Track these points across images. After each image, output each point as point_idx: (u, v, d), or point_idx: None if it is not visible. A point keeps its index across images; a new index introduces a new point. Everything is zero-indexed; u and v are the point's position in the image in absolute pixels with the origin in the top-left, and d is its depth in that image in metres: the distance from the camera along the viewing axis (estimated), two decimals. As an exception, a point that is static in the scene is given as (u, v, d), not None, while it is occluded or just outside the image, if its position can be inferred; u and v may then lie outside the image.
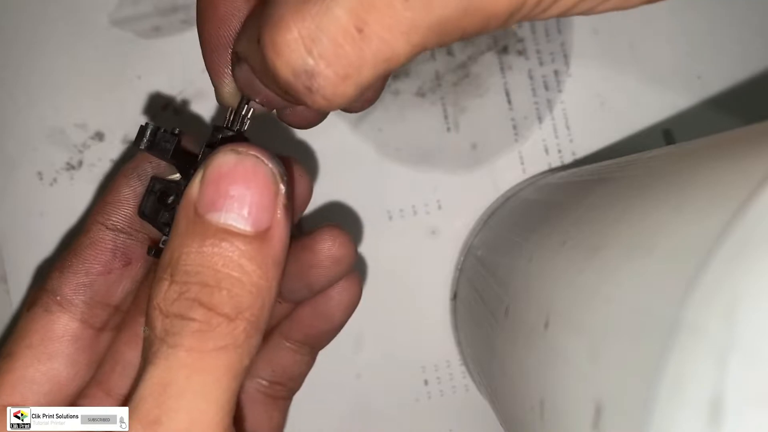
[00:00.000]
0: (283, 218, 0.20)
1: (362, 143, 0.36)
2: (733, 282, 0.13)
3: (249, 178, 0.20)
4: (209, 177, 0.20)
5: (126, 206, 0.25)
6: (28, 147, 0.35)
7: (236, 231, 0.19)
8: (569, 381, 0.17)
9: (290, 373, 0.30)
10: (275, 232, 0.20)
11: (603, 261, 0.18)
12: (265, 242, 0.20)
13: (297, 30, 0.17)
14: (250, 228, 0.19)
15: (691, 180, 0.17)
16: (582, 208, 0.22)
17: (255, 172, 0.20)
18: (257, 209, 0.20)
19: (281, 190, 0.20)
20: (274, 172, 0.20)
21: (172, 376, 0.19)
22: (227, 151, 0.20)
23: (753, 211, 0.13)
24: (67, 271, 0.25)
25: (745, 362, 0.12)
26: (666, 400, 0.13)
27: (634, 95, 0.36)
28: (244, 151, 0.20)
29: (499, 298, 0.26)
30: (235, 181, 0.20)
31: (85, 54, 0.36)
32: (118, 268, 0.25)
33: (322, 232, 0.26)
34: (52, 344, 0.24)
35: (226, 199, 0.19)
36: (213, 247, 0.19)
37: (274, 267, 0.20)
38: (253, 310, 0.20)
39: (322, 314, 0.28)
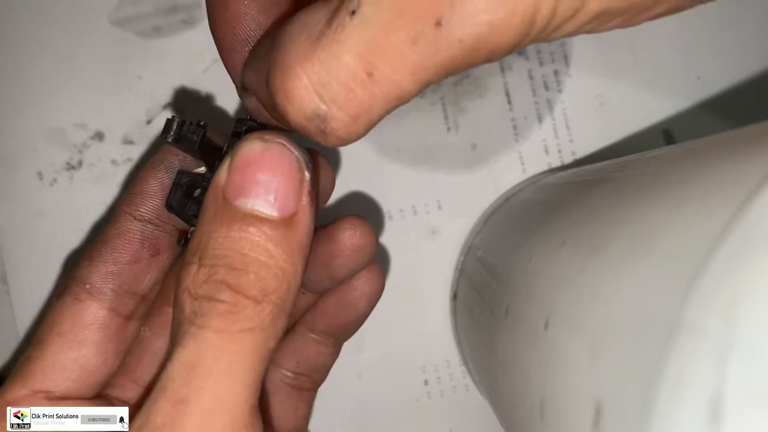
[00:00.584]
0: (308, 205, 0.20)
1: (362, 143, 0.36)
2: (733, 282, 0.13)
3: (275, 165, 0.20)
4: (237, 164, 0.20)
5: (153, 198, 0.25)
6: (28, 147, 0.35)
7: (263, 216, 0.20)
8: (569, 381, 0.17)
9: (315, 364, 0.30)
10: (300, 218, 0.20)
11: (603, 261, 0.18)
12: (291, 228, 0.20)
13: (307, 77, 0.17)
14: (277, 213, 0.20)
15: (691, 180, 0.17)
16: (582, 209, 0.22)
17: (281, 159, 0.20)
18: (283, 195, 0.20)
19: (306, 177, 0.20)
20: (300, 160, 0.20)
21: (200, 356, 0.19)
22: (254, 139, 0.20)
23: (753, 212, 0.13)
24: (96, 260, 0.25)
25: (745, 362, 0.12)
26: (666, 400, 0.13)
27: (634, 95, 0.36)
28: (271, 138, 0.20)
29: (499, 298, 0.26)
30: (262, 167, 0.20)
31: (85, 54, 0.36)
32: (146, 258, 0.26)
33: (343, 222, 0.27)
34: (82, 332, 0.25)
35: (253, 185, 0.20)
36: (240, 231, 0.20)
37: (299, 252, 0.20)
38: (279, 293, 0.20)
39: (346, 304, 0.29)
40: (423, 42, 0.16)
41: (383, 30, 0.16)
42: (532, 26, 0.17)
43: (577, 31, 0.18)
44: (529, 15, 0.16)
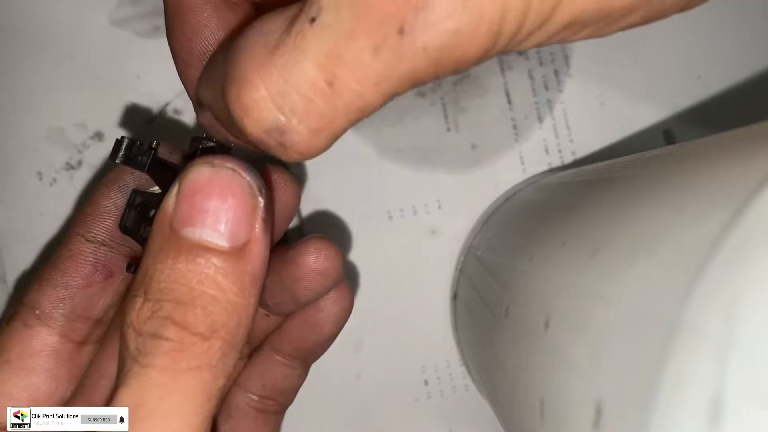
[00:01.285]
0: (261, 233, 0.19)
1: (362, 143, 0.36)
2: (734, 282, 0.13)
3: (225, 192, 0.19)
4: (184, 191, 0.19)
5: (106, 218, 0.25)
6: (28, 147, 0.35)
7: (212, 246, 0.19)
8: (569, 381, 0.17)
9: (281, 387, 0.29)
10: (253, 247, 0.19)
11: (603, 261, 0.18)
12: (242, 258, 0.19)
13: (264, 87, 0.16)
14: (226, 243, 0.19)
15: (692, 180, 0.17)
16: (582, 209, 0.22)
17: (231, 185, 0.19)
18: (234, 224, 0.19)
19: (259, 204, 0.19)
20: (252, 185, 0.19)
21: (144, 396, 0.18)
22: (202, 164, 0.19)
23: (753, 212, 0.13)
24: (46, 285, 0.24)
25: (745, 362, 0.12)
26: (666, 401, 0.13)
27: (634, 95, 0.36)
28: (220, 163, 0.19)
29: (499, 298, 0.26)
30: (211, 194, 0.19)
31: (84, 54, 0.36)
32: (99, 281, 0.25)
33: (307, 245, 0.25)
34: (31, 359, 0.24)
35: (201, 214, 0.19)
36: (187, 263, 0.19)
37: (252, 284, 0.19)
38: (228, 328, 0.19)
39: (311, 326, 0.28)
40: (385, 50, 0.16)
41: (344, 37, 0.16)
42: (499, 36, 0.16)
43: (547, 42, 0.17)
44: (495, 24, 0.16)
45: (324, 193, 0.36)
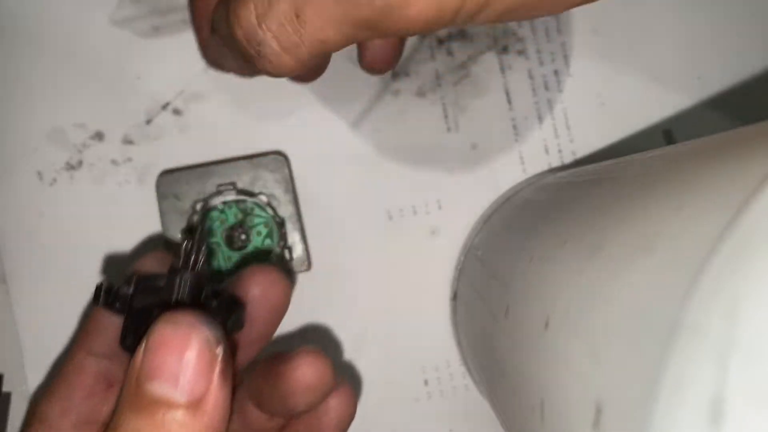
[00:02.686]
0: (219, 384, 0.20)
1: (362, 143, 0.36)
2: (734, 282, 0.13)
3: (183, 347, 0.20)
4: (149, 346, 0.20)
5: (105, 333, 0.26)
6: (28, 147, 0.35)
7: (171, 401, 0.20)
8: (570, 381, 0.17)
9: None
10: (211, 399, 0.20)
11: (603, 261, 0.18)
12: (200, 410, 0.20)
13: (253, 6, 0.21)
14: (185, 398, 0.20)
15: (692, 180, 0.17)
16: (582, 208, 0.22)
17: (188, 339, 0.20)
18: (191, 378, 0.20)
19: (218, 356, 0.20)
20: (210, 339, 0.20)
21: None
22: (164, 320, 0.20)
23: (753, 212, 0.13)
24: (52, 397, 0.26)
25: (745, 363, 0.12)
26: (666, 401, 0.13)
27: (634, 95, 0.36)
28: (180, 320, 0.20)
29: (499, 298, 0.26)
30: (171, 350, 0.20)
31: (84, 54, 0.36)
32: (101, 391, 0.26)
33: (297, 359, 0.26)
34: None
35: (161, 369, 0.20)
36: (147, 417, 0.20)
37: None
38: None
39: (314, 431, 0.28)
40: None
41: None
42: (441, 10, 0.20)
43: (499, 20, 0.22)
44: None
45: (324, 193, 0.36)
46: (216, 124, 0.36)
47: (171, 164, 0.36)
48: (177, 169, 0.35)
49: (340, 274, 0.36)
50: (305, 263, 0.35)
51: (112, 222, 0.36)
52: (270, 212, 0.35)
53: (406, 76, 0.36)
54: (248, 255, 0.35)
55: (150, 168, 0.36)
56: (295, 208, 0.35)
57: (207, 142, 0.36)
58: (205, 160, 0.36)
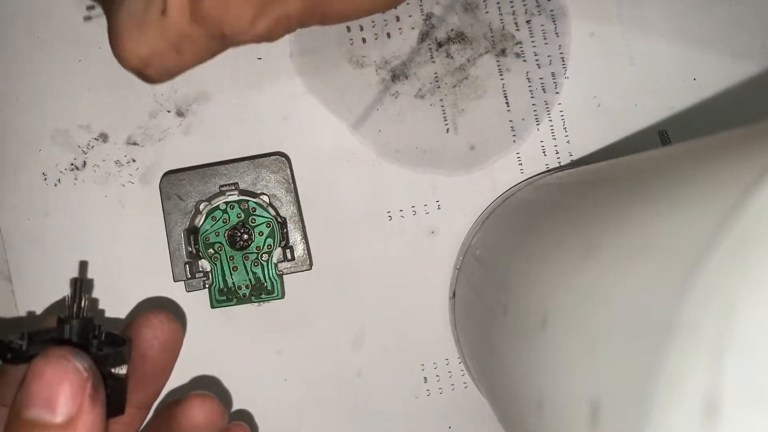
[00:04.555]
0: (89, 406, 0.22)
1: (362, 144, 0.36)
2: (730, 281, 0.13)
3: (54, 376, 0.22)
4: (26, 380, 0.22)
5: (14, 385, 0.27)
6: (33, 148, 0.35)
7: (43, 423, 0.22)
8: (567, 379, 0.18)
9: None
10: (81, 419, 0.22)
11: (600, 260, 0.18)
12: (70, 429, 0.22)
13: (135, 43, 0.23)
14: (57, 419, 0.22)
15: (687, 180, 0.17)
16: (579, 208, 0.22)
17: (58, 369, 0.22)
18: (62, 402, 0.22)
19: (86, 382, 0.22)
20: (78, 368, 0.22)
21: None
22: (40, 355, 0.22)
23: (748, 211, 0.13)
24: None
25: (741, 361, 0.12)
26: (662, 399, 0.13)
27: (630, 97, 0.36)
28: (52, 352, 0.22)
29: (497, 297, 0.26)
30: (43, 379, 0.22)
31: (88, 55, 0.36)
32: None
33: (188, 402, 0.29)
34: None
35: (36, 396, 0.22)
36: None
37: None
38: None
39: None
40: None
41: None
42: None
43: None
44: None
45: (325, 193, 0.36)
46: (219, 126, 0.36)
47: (174, 165, 0.36)
48: (180, 169, 0.35)
49: (341, 273, 0.36)
50: (306, 262, 0.35)
51: (116, 222, 0.36)
52: (272, 212, 0.35)
53: (406, 78, 0.36)
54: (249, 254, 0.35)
55: (153, 169, 0.36)
56: (296, 209, 0.35)
57: (210, 143, 0.36)
58: (207, 161, 0.36)
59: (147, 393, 0.29)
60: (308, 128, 0.36)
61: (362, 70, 0.36)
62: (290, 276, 0.36)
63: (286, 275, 0.36)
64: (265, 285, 0.35)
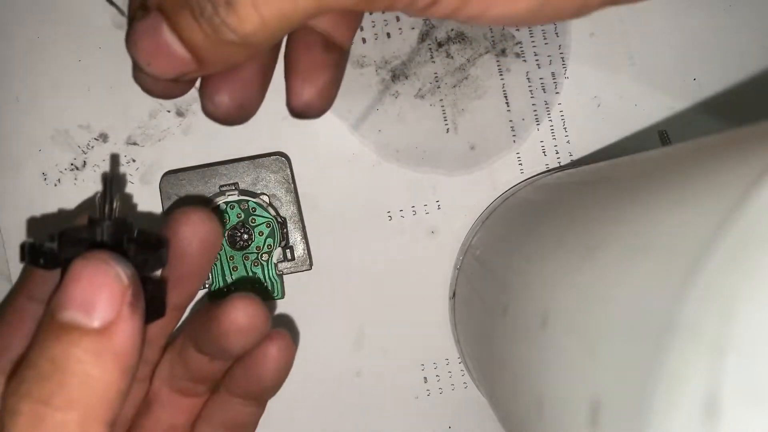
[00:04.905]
0: (128, 314, 0.21)
1: (362, 144, 0.36)
2: (730, 281, 0.13)
3: (94, 280, 0.21)
4: (63, 282, 0.21)
5: (44, 281, 0.27)
6: (33, 148, 0.35)
7: (78, 325, 0.20)
8: (567, 379, 0.18)
9: (240, 422, 0.31)
10: (118, 327, 0.20)
11: (600, 260, 0.18)
12: (106, 336, 0.20)
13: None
14: (91, 323, 0.20)
15: (687, 180, 0.17)
16: (579, 208, 0.22)
17: (99, 273, 0.21)
18: (100, 306, 0.20)
19: (127, 289, 0.21)
20: (119, 273, 0.21)
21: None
22: (80, 258, 0.21)
23: (749, 211, 0.13)
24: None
25: (741, 361, 0.12)
26: (663, 398, 0.13)
27: (630, 97, 0.36)
28: (92, 256, 0.21)
29: (497, 297, 0.26)
30: (82, 282, 0.21)
31: (88, 56, 0.36)
32: None
33: (229, 304, 0.27)
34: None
35: (72, 298, 0.20)
36: (54, 340, 0.20)
37: (116, 360, 0.20)
38: (86, 401, 0.20)
39: (253, 376, 0.29)
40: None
41: None
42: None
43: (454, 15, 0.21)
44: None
45: (324, 193, 0.36)
46: (218, 126, 0.36)
47: (174, 165, 0.36)
48: (180, 169, 0.35)
49: (341, 273, 0.36)
50: (306, 263, 0.35)
51: (115, 222, 0.36)
52: (272, 212, 0.35)
53: (406, 78, 0.36)
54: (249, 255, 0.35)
55: (153, 169, 0.36)
56: (296, 209, 0.35)
57: (210, 143, 0.36)
58: (207, 161, 0.36)
59: (182, 294, 0.28)
60: (308, 128, 0.36)
61: (362, 70, 0.36)
62: (290, 276, 0.36)
63: (286, 275, 0.36)
64: (265, 285, 0.35)
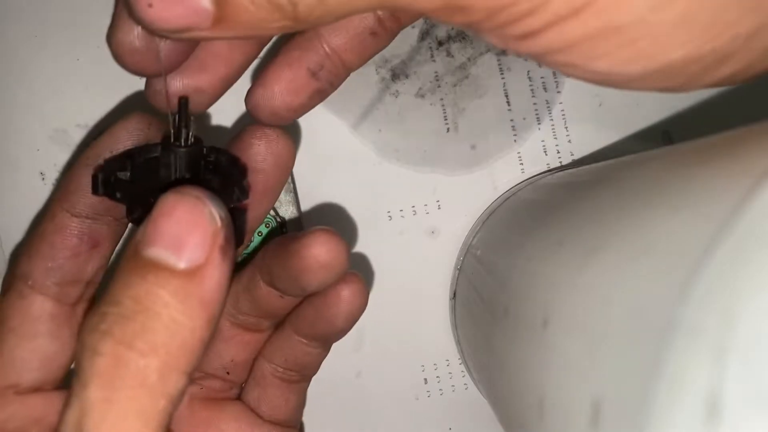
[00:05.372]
0: (219, 259, 0.20)
1: (362, 144, 0.36)
2: (731, 282, 0.13)
3: (185, 217, 0.19)
4: (152, 216, 0.20)
5: (87, 194, 0.25)
6: (31, 148, 0.35)
7: (165, 265, 0.19)
8: (568, 380, 0.18)
9: (302, 362, 0.30)
10: (207, 271, 0.19)
11: (601, 261, 0.18)
12: (195, 280, 0.19)
13: None
14: (180, 264, 0.19)
15: (689, 180, 0.17)
16: (580, 209, 0.22)
17: (192, 212, 0.20)
18: (191, 247, 0.19)
19: (219, 232, 0.20)
20: (213, 214, 0.20)
21: (82, 419, 0.18)
22: (170, 193, 0.20)
23: (751, 212, 0.13)
24: (35, 257, 0.25)
25: (742, 362, 0.12)
26: (664, 400, 0.13)
27: (632, 96, 0.36)
28: (186, 192, 0.20)
29: (497, 297, 0.26)
30: (172, 219, 0.19)
31: (87, 55, 0.36)
32: (86, 250, 0.26)
33: (311, 237, 0.26)
34: (32, 325, 0.25)
35: (161, 236, 0.19)
36: (139, 277, 0.19)
37: (202, 306, 0.19)
38: (168, 347, 0.19)
39: (324, 318, 0.28)
40: None
41: None
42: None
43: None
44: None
45: (324, 193, 0.36)
46: (218, 125, 0.36)
47: (173, 165, 0.36)
48: (179, 169, 0.35)
49: (341, 273, 0.36)
50: (306, 263, 0.35)
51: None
52: (271, 213, 0.35)
53: (406, 77, 0.36)
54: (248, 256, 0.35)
55: (152, 168, 0.36)
56: (296, 209, 0.35)
57: (209, 143, 0.36)
58: (206, 160, 0.36)
59: (253, 214, 0.27)
60: (308, 128, 0.36)
61: (362, 69, 0.36)
62: (290, 276, 0.36)
63: (285, 275, 0.36)
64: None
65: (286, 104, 0.26)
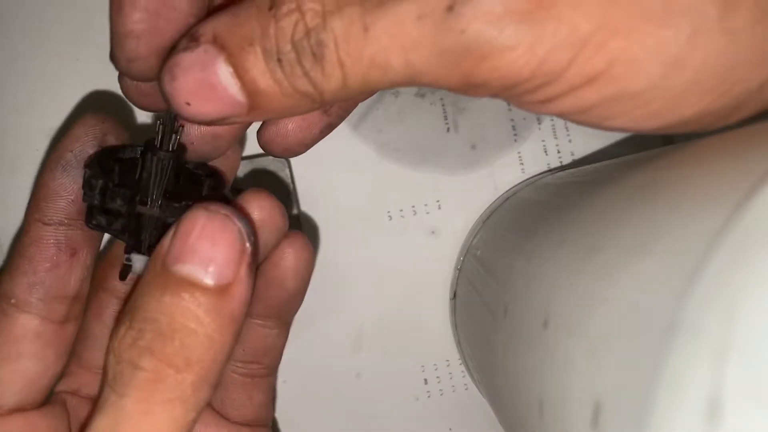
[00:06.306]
0: (246, 276, 0.20)
1: (362, 143, 0.36)
2: (732, 281, 0.13)
3: (216, 235, 0.20)
4: (179, 232, 0.20)
5: (58, 199, 0.25)
6: (30, 147, 0.35)
7: (198, 283, 0.20)
8: (568, 380, 0.18)
9: (262, 349, 0.29)
10: (236, 288, 0.20)
11: (601, 261, 0.18)
12: (225, 297, 0.20)
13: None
14: (212, 282, 0.20)
15: (689, 180, 0.17)
16: (580, 209, 0.22)
17: (223, 229, 0.20)
18: (221, 265, 0.20)
19: (247, 250, 0.20)
20: (242, 232, 0.20)
21: (117, 427, 0.19)
22: (199, 208, 0.20)
23: (751, 211, 0.13)
24: (14, 273, 0.25)
25: (743, 362, 0.12)
26: (664, 400, 0.13)
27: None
28: (215, 209, 0.20)
29: (498, 297, 0.26)
30: (203, 237, 0.20)
31: (86, 55, 0.36)
32: (66, 260, 0.25)
33: (243, 198, 0.26)
34: (15, 345, 0.25)
35: (191, 253, 0.20)
36: (173, 296, 0.20)
37: (231, 323, 0.20)
38: (203, 363, 0.20)
39: (273, 283, 0.27)
40: (428, 20, 0.17)
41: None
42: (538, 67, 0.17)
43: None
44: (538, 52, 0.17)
45: (324, 193, 0.36)
46: (217, 125, 0.36)
47: (172, 165, 0.36)
48: (178, 169, 0.35)
49: (341, 273, 0.36)
50: (306, 263, 0.35)
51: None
52: (271, 212, 0.35)
53: (406, 77, 0.36)
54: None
55: (151, 168, 0.36)
56: (296, 209, 0.35)
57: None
58: (206, 160, 0.36)
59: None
60: (308, 128, 0.36)
61: (362, 69, 0.36)
62: (290, 276, 0.36)
63: (285, 276, 0.36)
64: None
65: (298, 141, 0.26)
